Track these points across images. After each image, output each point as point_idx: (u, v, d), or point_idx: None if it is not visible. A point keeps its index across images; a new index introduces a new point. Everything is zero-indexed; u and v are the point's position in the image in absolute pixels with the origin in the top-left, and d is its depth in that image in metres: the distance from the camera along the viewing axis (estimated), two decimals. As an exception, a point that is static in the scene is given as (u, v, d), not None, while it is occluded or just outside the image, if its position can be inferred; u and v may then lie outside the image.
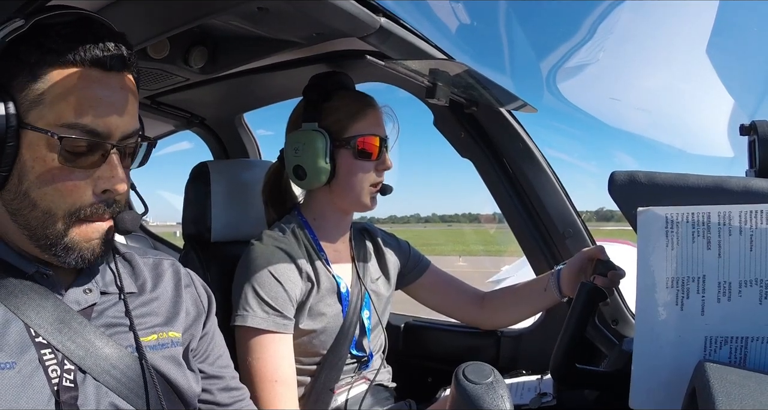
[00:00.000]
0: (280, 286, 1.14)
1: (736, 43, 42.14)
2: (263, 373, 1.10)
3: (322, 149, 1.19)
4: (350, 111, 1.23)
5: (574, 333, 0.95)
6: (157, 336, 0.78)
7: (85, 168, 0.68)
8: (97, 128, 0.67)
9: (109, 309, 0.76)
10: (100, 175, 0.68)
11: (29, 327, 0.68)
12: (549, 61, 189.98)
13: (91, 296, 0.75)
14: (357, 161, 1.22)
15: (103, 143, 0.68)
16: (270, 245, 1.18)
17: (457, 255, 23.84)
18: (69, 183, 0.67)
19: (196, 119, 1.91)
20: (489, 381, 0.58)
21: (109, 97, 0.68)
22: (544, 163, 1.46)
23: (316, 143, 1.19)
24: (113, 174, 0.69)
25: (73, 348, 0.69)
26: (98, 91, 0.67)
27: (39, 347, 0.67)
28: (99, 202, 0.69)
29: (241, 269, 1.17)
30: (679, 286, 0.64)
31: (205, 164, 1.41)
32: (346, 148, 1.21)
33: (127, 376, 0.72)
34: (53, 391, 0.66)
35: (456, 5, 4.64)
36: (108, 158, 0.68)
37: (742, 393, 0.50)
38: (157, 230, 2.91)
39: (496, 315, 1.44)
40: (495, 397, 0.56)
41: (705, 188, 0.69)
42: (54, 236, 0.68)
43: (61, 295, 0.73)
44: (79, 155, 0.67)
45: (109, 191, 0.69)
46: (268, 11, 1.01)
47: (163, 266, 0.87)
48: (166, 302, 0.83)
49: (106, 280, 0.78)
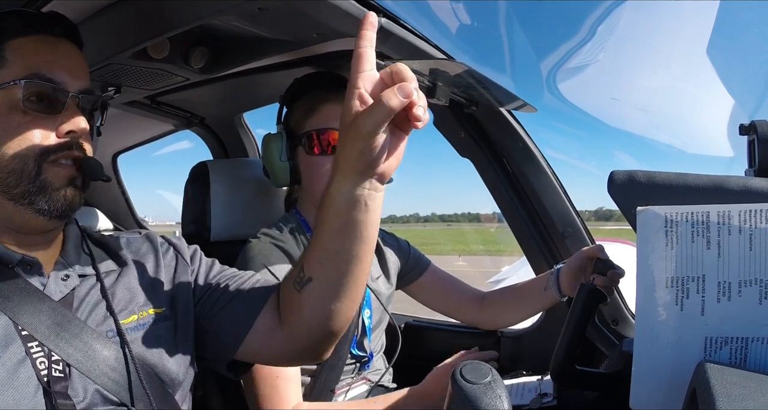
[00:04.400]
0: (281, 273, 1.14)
1: (736, 43, 41.99)
2: (266, 370, 1.09)
3: (277, 149, 1.23)
4: (306, 108, 1.24)
5: (573, 334, 0.95)
6: (137, 316, 0.79)
7: (47, 113, 0.75)
8: (54, 77, 0.75)
9: (89, 293, 0.78)
10: (62, 119, 0.75)
11: (16, 322, 0.69)
12: (549, 61, 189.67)
13: (69, 282, 0.77)
14: (312, 157, 1.22)
15: (61, 90, 0.76)
16: (267, 243, 1.18)
17: (456, 255, 23.83)
18: (34, 129, 0.74)
19: (196, 118, 1.91)
20: (487, 381, 0.57)
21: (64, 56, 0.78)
22: (543, 163, 1.46)
23: (272, 144, 1.24)
24: (73, 116, 0.75)
25: (64, 346, 0.70)
26: (53, 51, 0.77)
27: (25, 340, 0.69)
28: (63, 143, 0.75)
29: (238, 268, 1.17)
30: (678, 286, 0.63)
31: (205, 164, 1.41)
32: (301, 145, 1.23)
33: (109, 365, 0.73)
34: (43, 382, 0.67)
35: (456, 5, 4.65)
36: (67, 104, 0.76)
37: (742, 393, 0.50)
38: (157, 230, 2.90)
39: (496, 316, 1.44)
40: (493, 397, 0.56)
41: (704, 187, 0.69)
42: (27, 179, 0.73)
43: (44, 285, 0.75)
44: (41, 102, 0.74)
45: (72, 131, 0.75)
46: (269, 11, 1.01)
47: (137, 241, 0.90)
48: (145, 277, 0.84)
49: (82, 263, 0.81)
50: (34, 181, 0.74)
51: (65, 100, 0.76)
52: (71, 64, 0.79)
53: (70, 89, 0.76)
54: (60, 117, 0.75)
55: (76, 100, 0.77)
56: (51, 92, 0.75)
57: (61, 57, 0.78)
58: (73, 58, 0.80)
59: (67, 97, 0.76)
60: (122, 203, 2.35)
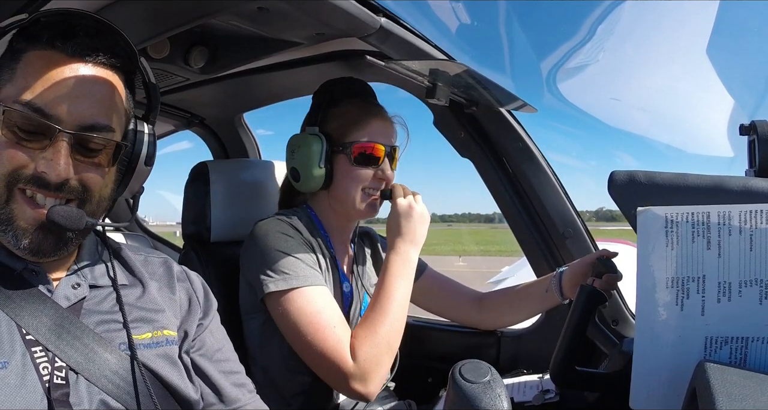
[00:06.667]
0: (302, 245, 1.15)
1: (736, 43, 42.01)
2: (322, 324, 1.07)
3: (317, 153, 1.20)
4: (353, 118, 1.22)
5: (573, 335, 0.95)
6: (152, 334, 0.77)
7: (29, 148, 0.68)
8: (46, 108, 0.67)
9: (100, 304, 0.75)
10: (45, 156, 0.67)
11: (20, 326, 0.68)
12: (549, 61, 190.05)
13: (80, 291, 0.75)
14: (353, 167, 1.22)
15: (49, 125, 0.67)
16: (279, 221, 1.18)
17: (456, 255, 23.82)
18: (13, 153, 0.67)
19: (196, 118, 1.91)
20: (486, 380, 0.57)
21: (70, 82, 0.69)
22: (543, 163, 1.46)
23: (312, 147, 1.20)
24: (53, 158, 0.67)
25: (68, 350, 0.69)
26: (59, 75, 0.68)
27: (29, 344, 0.67)
28: (37, 177, 0.68)
29: (254, 246, 1.15)
30: (679, 286, 0.63)
31: (205, 164, 1.41)
32: (344, 153, 1.21)
33: (119, 376, 0.71)
34: (45, 389, 0.65)
35: (456, 5, 4.63)
36: (55, 143, 0.67)
37: (742, 393, 0.50)
38: (157, 230, 2.91)
39: (495, 317, 1.44)
40: (492, 396, 0.56)
41: (705, 187, 0.69)
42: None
43: (51, 292, 0.72)
44: (25, 133, 0.67)
45: (44, 173, 0.67)
46: (269, 11, 1.01)
47: (154, 263, 0.87)
48: (159, 299, 0.81)
49: (96, 273, 0.78)
50: (4, 207, 0.68)
51: (52, 136, 0.67)
52: (81, 93, 0.69)
53: (65, 125, 0.68)
54: (44, 153, 0.67)
55: (67, 139, 0.68)
56: (36, 125, 0.67)
57: (70, 84, 0.68)
58: (91, 87, 0.70)
59: (56, 135, 0.67)
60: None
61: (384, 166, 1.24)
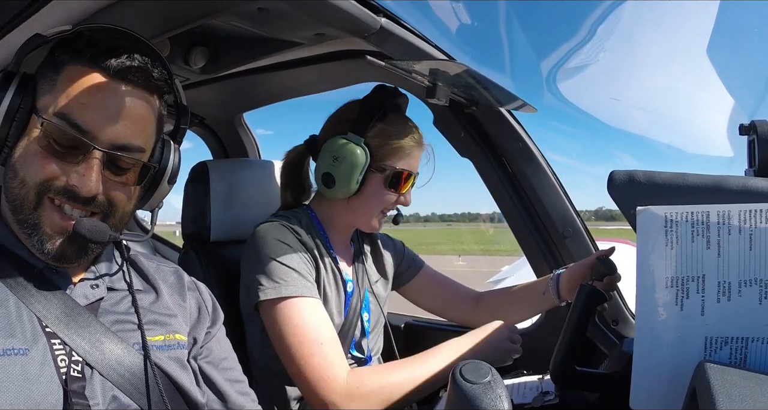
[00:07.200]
0: (299, 255, 1.14)
1: (736, 43, 42.04)
2: (309, 339, 1.06)
3: (360, 168, 1.18)
4: (398, 142, 1.21)
5: (573, 336, 0.95)
6: (164, 337, 0.79)
7: (63, 161, 0.70)
8: (83, 125, 0.70)
9: (116, 305, 0.78)
10: (77, 170, 0.70)
11: (39, 319, 0.70)
12: (549, 61, 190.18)
13: (98, 292, 0.77)
14: (384, 189, 1.22)
15: (84, 141, 0.70)
16: (279, 226, 1.18)
17: (456, 255, 23.83)
18: (47, 164, 0.70)
19: (196, 118, 1.91)
20: (487, 381, 0.57)
21: (109, 102, 0.72)
22: (543, 163, 1.46)
23: (358, 161, 1.17)
24: (85, 173, 0.70)
25: (79, 341, 0.71)
26: (98, 93, 0.71)
27: (49, 337, 0.69)
28: (68, 190, 0.70)
29: (252, 251, 1.15)
30: (678, 286, 0.63)
31: (205, 164, 1.41)
32: (380, 173, 1.21)
33: (131, 372, 0.73)
34: (61, 380, 0.67)
35: (456, 5, 4.63)
36: (88, 159, 0.70)
37: (742, 393, 0.50)
38: (157, 229, 2.89)
39: (491, 317, 1.43)
40: (493, 397, 0.56)
41: (704, 187, 0.69)
42: (27, 209, 0.71)
43: (69, 290, 0.75)
44: (61, 145, 0.70)
45: (76, 186, 0.70)
46: (269, 11, 1.01)
47: (166, 272, 0.90)
48: (171, 305, 0.84)
49: (113, 277, 0.81)
50: (33, 213, 0.71)
51: (87, 152, 0.70)
52: (117, 113, 0.72)
53: (99, 143, 0.70)
54: (77, 167, 0.70)
55: (100, 156, 0.70)
56: (71, 140, 0.69)
57: (107, 103, 0.71)
58: (128, 108, 0.73)
59: (90, 151, 0.70)
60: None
61: (408, 193, 1.26)
